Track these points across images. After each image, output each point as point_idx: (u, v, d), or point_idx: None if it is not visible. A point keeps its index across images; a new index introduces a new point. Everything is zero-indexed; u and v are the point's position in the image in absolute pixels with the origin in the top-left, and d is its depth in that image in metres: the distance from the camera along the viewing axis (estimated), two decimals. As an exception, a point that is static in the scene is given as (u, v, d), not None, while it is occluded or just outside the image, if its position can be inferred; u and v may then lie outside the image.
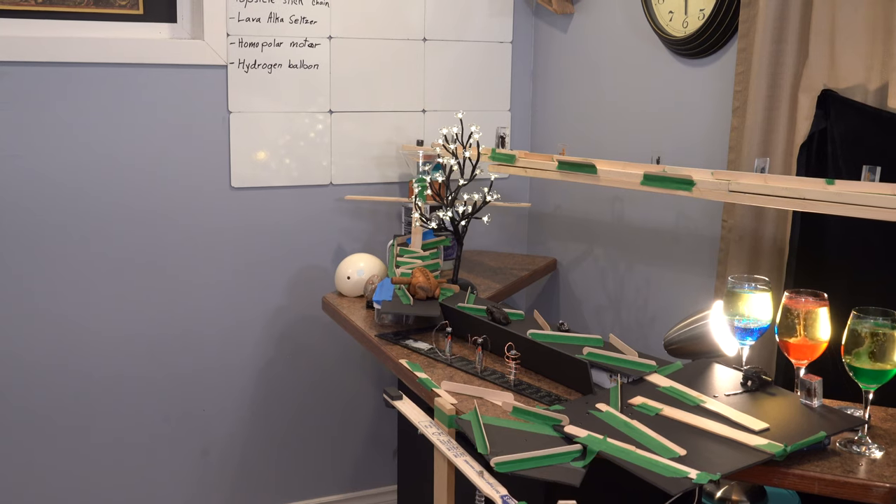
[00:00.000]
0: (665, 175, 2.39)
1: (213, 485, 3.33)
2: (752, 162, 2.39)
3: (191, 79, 3.08)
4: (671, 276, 2.95)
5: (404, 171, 3.40)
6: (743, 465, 1.67)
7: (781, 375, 2.33)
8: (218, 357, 3.26)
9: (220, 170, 3.16)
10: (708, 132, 2.73)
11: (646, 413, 1.89)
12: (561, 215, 3.47)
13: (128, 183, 3.05)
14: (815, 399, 1.86)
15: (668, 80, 2.91)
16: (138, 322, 3.13)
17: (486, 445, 1.75)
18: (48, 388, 3.04)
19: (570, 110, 3.40)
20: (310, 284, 3.31)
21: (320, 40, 3.22)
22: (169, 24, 3.11)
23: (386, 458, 3.55)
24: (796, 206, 2.12)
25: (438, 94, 3.42)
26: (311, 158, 3.28)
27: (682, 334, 2.24)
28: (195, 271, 3.18)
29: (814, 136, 2.31)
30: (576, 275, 3.40)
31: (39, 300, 3.00)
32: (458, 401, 1.99)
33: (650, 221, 3.02)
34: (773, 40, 2.41)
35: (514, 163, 2.83)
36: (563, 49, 3.41)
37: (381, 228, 3.39)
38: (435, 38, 3.39)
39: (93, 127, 2.98)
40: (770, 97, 2.43)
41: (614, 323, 3.19)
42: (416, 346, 2.40)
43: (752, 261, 2.51)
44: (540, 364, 2.20)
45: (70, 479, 3.11)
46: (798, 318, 1.89)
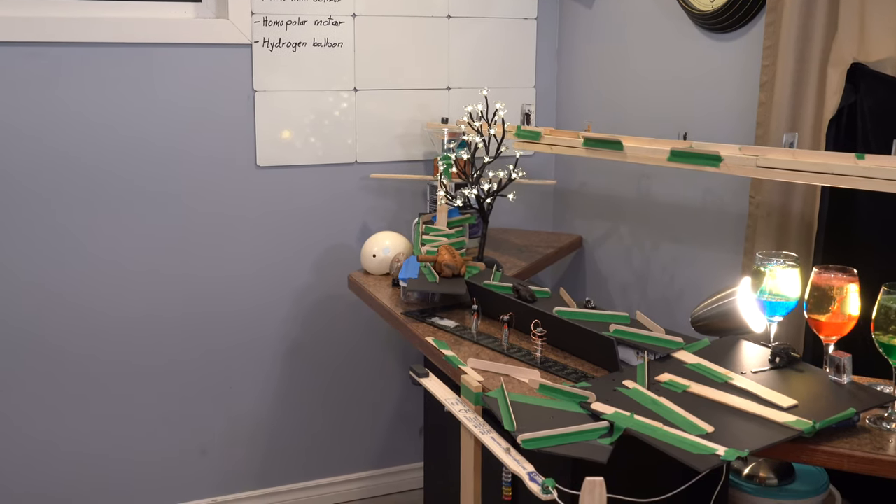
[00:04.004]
0: (692, 151, 2.37)
1: (241, 464, 3.35)
2: (780, 137, 2.37)
3: (215, 58, 3.08)
4: (698, 252, 2.93)
5: (429, 148, 3.39)
6: (771, 442, 1.66)
7: (810, 352, 2.31)
8: (244, 336, 3.28)
9: (245, 149, 3.17)
10: (735, 107, 2.71)
11: (673, 390, 1.88)
12: (587, 192, 3.46)
13: (154, 163, 3.06)
14: (845, 375, 1.85)
15: (694, 54, 2.88)
16: (165, 302, 3.15)
17: (513, 422, 1.76)
18: (76, 372, 3.08)
19: (595, 86, 3.38)
20: (335, 263, 3.31)
21: (344, 18, 3.21)
22: (193, 3, 3.11)
23: (412, 435, 3.56)
24: (825, 181, 2.10)
25: (463, 72, 3.41)
26: (336, 137, 3.28)
27: (710, 311, 2.22)
28: (221, 250, 3.20)
29: (843, 110, 2.29)
30: (602, 252, 3.38)
31: (63, 288, 3.02)
32: (484, 378, 1.99)
33: (677, 198, 3.00)
34: (801, 14, 2.38)
35: (540, 140, 2.82)
36: (588, 25, 3.38)
37: (407, 206, 3.39)
38: (459, 14, 3.37)
39: (118, 107, 2.99)
40: (798, 71, 2.40)
41: (641, 300, 3.18)
42: (442, 323, 2.40)
43: (779, 237, 2.49)
44: (566, 341, 2.19)
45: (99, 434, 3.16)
46: (827, 295, 1.88)
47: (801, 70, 2.40)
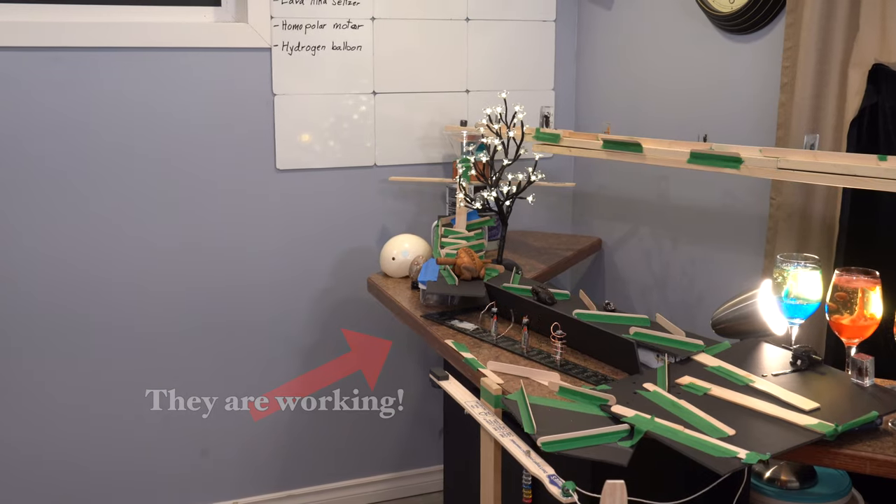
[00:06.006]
0: (712, 153, 2.36)
1: (261, 466, 3.36)
2: (801, 139, 2.35)
3: (235, 62, 3.10)
4: (718, 255, 2.92)
5: (448, 151, 3.39)
6: (793, 445, 1.65)
7: (831, 355, 2.30)
8: (265, 338, 3.29)
9: (265, 152, 3.18)
10: (755, 109, 2.70)
11: (694, 393, 1.87)
12: (606, 195, 3.45)
13: (174, 166, 3.08)
14: (867, 378, 1.84)
15: (714, 56, 2.87)
16: (186, 306, 3.16)
17: (533, 425, 1.75)
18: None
19: (614, 89, 3.37)
20: (355, 266, 3.32)
21: (363, 21, 3.22)
22: (213, 8, 3.12)
23: (432, 438, 3.56)
24: (847, 182, 2.09)
25: (482, 74, 3.41)
26: (355, 140, 3.28)
27: (731, 313, 2.22)
28: (241, 254, 3.21)
29: (864, 111, 2.27)
30: (621, 255, 3.38)
31: (74, 297, 3.04)
32: (504, 381, 1.99)
33: (696, 200, 2.99)
34: (822, 14, 2.37)
35: (559, 142, 2.81)
36: (607, 27, 3.38)
37: (426, 209, 3.39)
38: (477, 17, 3.37)
39: (138, 111, 3.01)
40: (819, 72, 2.39)
41: (660, 303, 3.17)
42: (461, 326, 2.40)
43: (801, 239, 2.47)
44: (586, 344, 2.19)
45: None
46: (849, 297, 1.87)
47: (821, 71, 2.39)
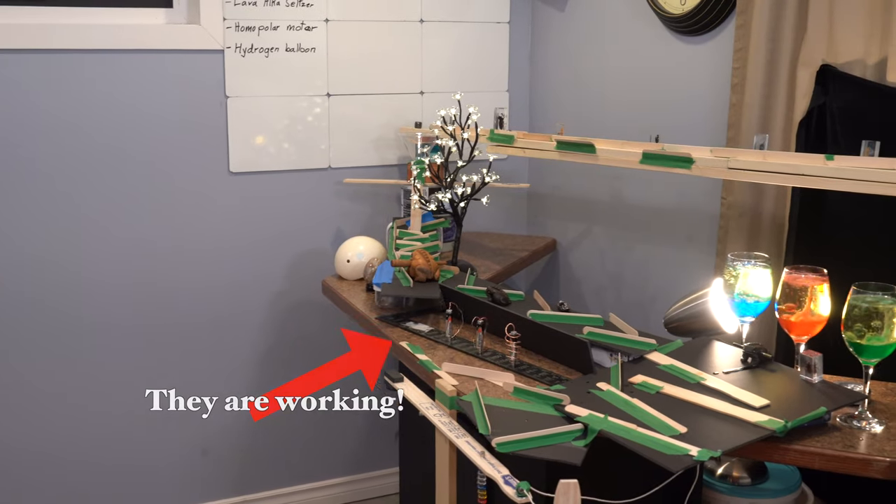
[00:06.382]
0: (664, 153, 2.38)
1: (217, 471, 3.33)
2: (751, 139, 2.38)
3: (187, 64, 3.07)
4: (671, 254, 2.95)
5: (403, 153, 3.39)
6: (744, 442, 1.67)
7: (781, 352, 2.33)
8: (218, 342, 3.26)
9: (218, 155, 3.16)
10: (707, 110, 2.72)
11: (646, 391, 1.89)
12: (560, 195, 3.46)
13: (126, 170, 3.04)
14: (816, 375, 1.87)
15: (666, 58, 2.89)
16: (138, 309, 3.13)
17: (488, 426, 1.76)
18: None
19: (568, 90, 3.39)
20: (310, 268, 3.30)
21: (317, 23, 3.20)
22: (164, 10, 3.09)
23: (388, 440, 3.55)
24: (795, 182, 2.12)
25: (436, 76, 3.41)
26: (310, 142, 3.27)
27: (682, 312, 2.24)
28: (195, 257, 3.18)
29: (813, 111, 2.31)
30: (575, 255, 3.39)
31: (45, 294, 3.00)
32: (459, 382, 1.99)
33: (649, 200, 3.02)
34: (771, 16, 2.40)
35: (513, 143, 2.82)
36: (560, 28, 3.39)
37: (381, 211, 3.38)
38: (432, 19, 3.37)
39: (89, 114, 2.97)
40: (769, 73, 2.42)
41: (614, 302, 3.19)
42: (416, 328, 2.40)
43: (751, 238, 2.50)
44: (540, 344, 2.20)
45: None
46: (798, 294, 1.89)
47: (771, 72, 2.41)
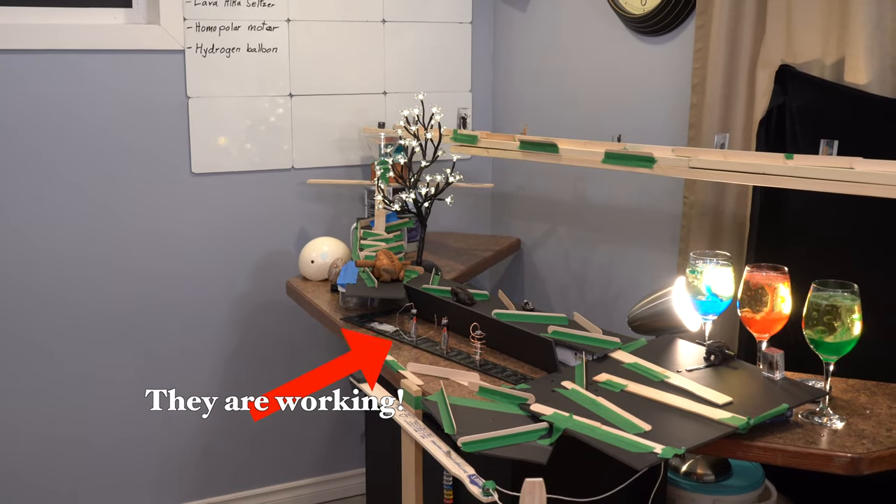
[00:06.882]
0: (626, 153, 2.40)
1: (178, 472, 3.31)
2: (712, 138, 2.40)
3: (148, 64, 3.04)
4: (634, 253, 2.96)
5: (366, 153, 3.38)
6: (707, 439, 1.68)
7: (744, 349, 2.34)
8: (181, 343, 3.24)
9: (180, 156, 3.13)
10: (668, 109, 2.74)
11: (611, 390, 1.90)
12: (524, 195, 3.48)
13: (86, 172, 3.01)
14: (777, 372, 1.88)
15: (628, 57, 2.91)
16: (100, 310, 3.10)
17: (453, 426, 1.76)
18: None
19: (530, 90, 3.40)
20: (273, 269, 3.29)
21: (278, 23, 3.19)
22: (124, 10, 3.06)
23: (354, 441, 3.54)
24: (756, 181, 2.14)
25: (399, 76, 3.40)
26: (273, 143, 3.25)
27: (646, 311, 2.25)
28: (157, 259, 3.15)
29: (772, 111, 2.33)
30: (540, 254, 3.40)
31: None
32: (424, 382, 1.99)
33: (613, 200, 3.03)
34: (730, 17, 2.42)
35: (476, 143, 2.83)
36: (522, 28, 3.40)
37: (345, 212, 3.38)
38: (394, 19, 3.37)
39: (47, 115, 2.94)
40: (728, 73, 2.44)
41: (579, 301, 3.20)
42: (381, 328, 2.39)
43: (713, 236, 2.52)
44: (505, 343, 2.20)
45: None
46: (759, 292, 1.91)
47: (731, 72, 2.44)
